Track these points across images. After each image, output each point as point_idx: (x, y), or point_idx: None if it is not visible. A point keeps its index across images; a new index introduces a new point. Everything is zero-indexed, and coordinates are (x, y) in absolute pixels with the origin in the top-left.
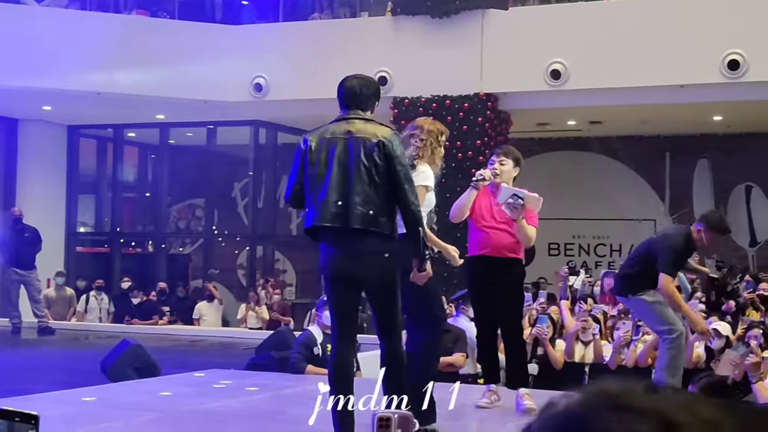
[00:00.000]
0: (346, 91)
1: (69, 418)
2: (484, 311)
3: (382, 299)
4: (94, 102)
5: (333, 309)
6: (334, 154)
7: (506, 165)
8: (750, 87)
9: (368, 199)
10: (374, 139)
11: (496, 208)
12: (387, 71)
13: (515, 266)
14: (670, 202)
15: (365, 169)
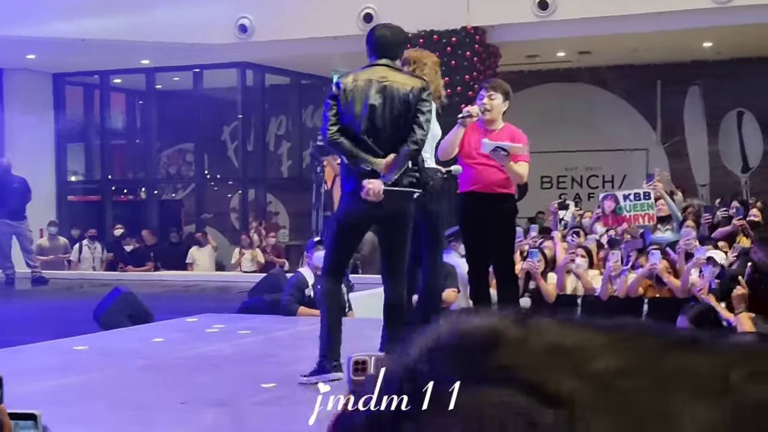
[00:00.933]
0: (376, 40)
1: (61, 367)
2: (475, 248)
3: (395, 238)
4: (79, 49)
5: (339, 248)
6: (369, 97)
7: (496, 99)
8: (739, 11)
9: (397, 142)
10: (408, 87)
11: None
12: (372, 7)
13: (506, 201)
14: (662, 130)
15: (396, 114)
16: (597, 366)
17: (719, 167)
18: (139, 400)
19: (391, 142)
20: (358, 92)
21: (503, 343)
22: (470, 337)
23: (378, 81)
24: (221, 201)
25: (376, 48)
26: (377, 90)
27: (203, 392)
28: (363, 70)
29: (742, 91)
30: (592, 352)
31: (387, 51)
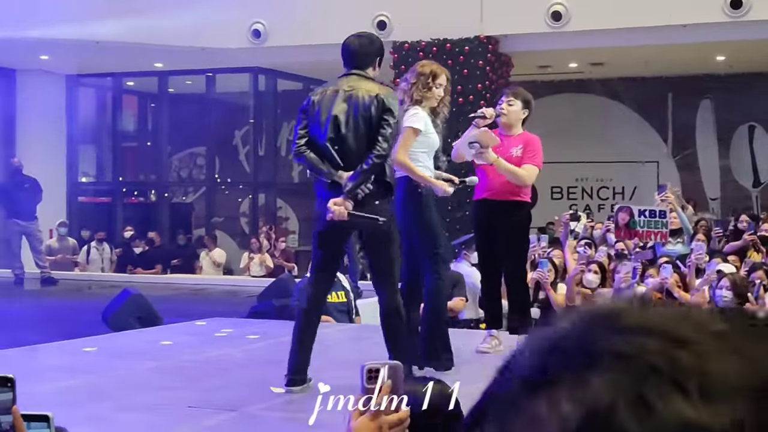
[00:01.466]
0: (344, 49)
1: (70, 368)
2: (487, 256)
3: (376, 247)
4: (93, 51)
5: (321, 253)
6: (333, 107)
7: (514, 105)
8: (753, 26)
9: (361, 150)
10: (372, 94)
11: (500, 150)
12: (386, 15)
13: (520, 209)
14: (673, 143)
15: (363, 121)
16: (714, 327)
17: (730, 181)
18: (147, 403)
19: (355, 151)
20: (325, 104)
21: (630, 312)
22: (599, 310)
23: (345, 91)
24: (231, 205)
25: (345, 58)
26: (342, 99)
27: (211, 396)
28: (334, 81)
29: (754, 105)
30: (707, 318)
31: (356, 60)
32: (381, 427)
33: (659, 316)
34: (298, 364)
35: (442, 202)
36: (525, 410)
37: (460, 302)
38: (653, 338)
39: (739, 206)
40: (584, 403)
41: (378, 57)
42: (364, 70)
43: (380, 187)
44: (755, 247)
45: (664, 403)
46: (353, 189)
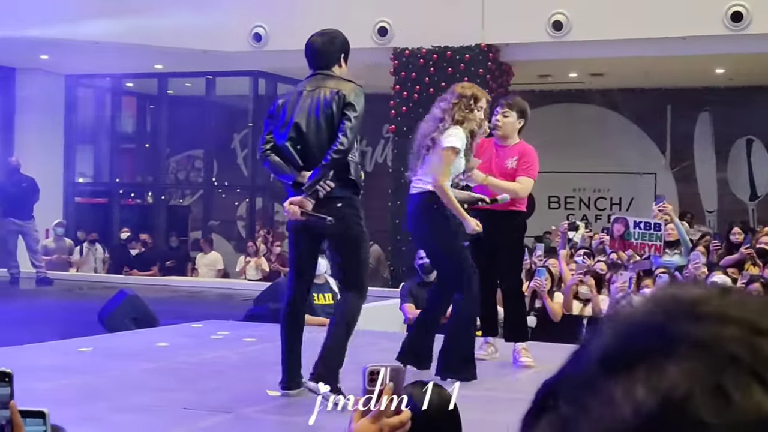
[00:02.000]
0: (307, 49)
1: (65, 368)
2: (483, 264)
3: (338, 250)
4: (92, 51)
5: (295, 254)
6: (297, 108)
7: (509, 117)
8: (753, 39)
9: (324, 148)
10: (333, 91)
11: (496, 160)
12: (387, 21)
13: (515, 219)
14: (671, 155)
15: (324, 119)
16: None
17: (727, 194)
18: (142, 404)
19: (317, 150)
20: (289, 107)
21: (709, 299)
22: (679, 297)
23: (307, 91)
24: (228, 208)
25: (308, 58)
26: (304, 100)
27: (207, 398)
28: (299, 83)
29: (753, 118)
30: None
31: (319, 60)
32: (382, 428)
33: (739, 305)
34: (290, 368)
35: None
36: (601, 392)
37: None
38: (733, 327)
39: (736, 219)
40: (659, 391)
41: (342, 53)
42: (329, 69)
43: (344, 186)
44: (752, 260)
45: (742, 393)
46: (311, 186)
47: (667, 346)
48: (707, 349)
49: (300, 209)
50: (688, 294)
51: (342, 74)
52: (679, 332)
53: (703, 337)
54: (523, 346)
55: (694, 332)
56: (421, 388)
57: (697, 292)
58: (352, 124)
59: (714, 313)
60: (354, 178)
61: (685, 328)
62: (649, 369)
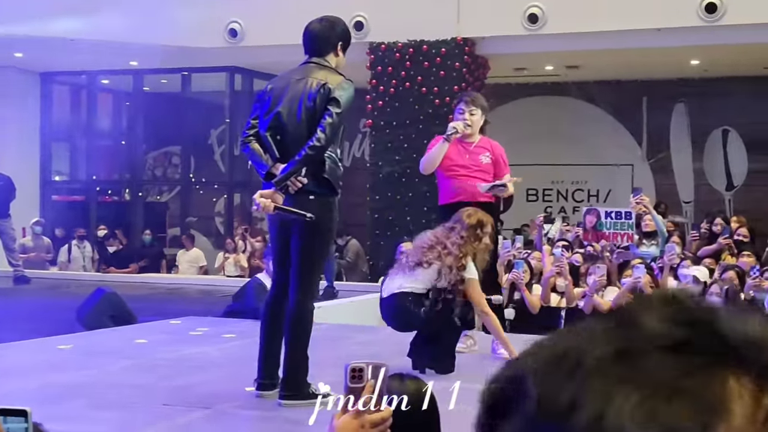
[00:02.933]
0: (305, 35)
1: (44, 366)
2: None
3: (299, 241)
4: (67, 48)
5: (273, 247)
6: (282, 97)
7: (476, 115)
8: (727, 30)
9: (303, 140)
10: (320, 83)
11: (467, 156)
12: (363, 16)
13: (490, 210)
14: (648, 146)
15: (306, 111)
16: None
17: (704, 185)
18: (122, 401)
19: (296, 142)
20: (276, 94)
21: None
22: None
23: (296, 80)
24: (206, 205)
25: (305, 44)
26: (291, 89)
27: (185, 394)
28: (291, 70)
29: (728, 109)
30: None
31: (315, 47)
32: (363, 425)
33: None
34: (267, 366)
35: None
36: None
37: None
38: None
39: (713, 209)
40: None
41: (340, 41)
42: (324, 57)
43: (317, 183)
44: (730, 250)
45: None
46: (282, 180)
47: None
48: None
49: (273, 204)
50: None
51: (339, 64)
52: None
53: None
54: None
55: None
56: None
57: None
58: (333, 120)
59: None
60: (328, 176)
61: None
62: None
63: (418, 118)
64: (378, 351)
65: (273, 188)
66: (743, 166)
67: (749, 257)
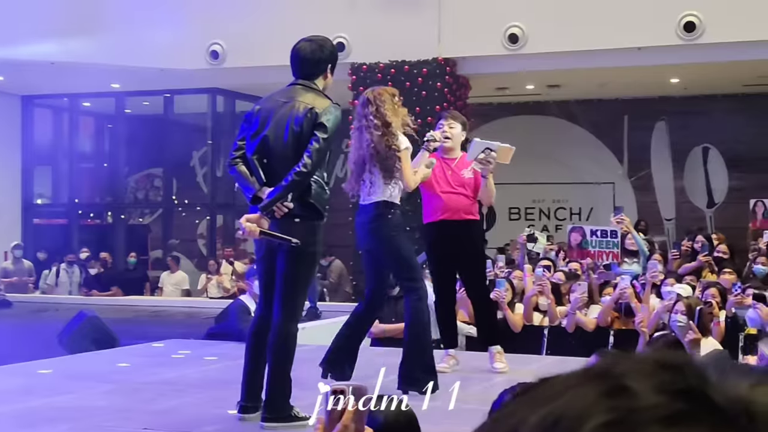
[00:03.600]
0: (293, 57)
1: (25, 390)
2: (445, 276)
3: (283, 263)
4: (48, 71)
5: (260, 273)
6: (271, 119)
7: (455, 128)
8: (706, 49)
9: (289, 166)
10: (307, 106)
11: (450, 173)
12: (344, 37)
13: (474, 227)
14: (629, 164)
15: (293, 135)
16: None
17: (685, 202)
18: (103, 425)
19: (282, 166)
20: (263, 116)
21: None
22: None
23: (283, 102)
24: (189, 226)
25: (293, 65)
26: (277, 112)
27: (167, 418)
28: (279, 91)
29: (708, 127)
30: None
31: (305, 70)
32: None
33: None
34: (250, 389)
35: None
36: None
37: None
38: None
39: (694, 227)
40: None
41: (329, 64)
42: (312, 80)
43: (302, 207)
44: (710, 267)
45: None
46: (268, 206)
47: None
48: None
49: (258, 228)
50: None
51: (326, 85)
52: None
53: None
54: (498, 349)
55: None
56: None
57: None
58: (320, 146)
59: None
60: (314, 200)
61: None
62: None
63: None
64: (362, 373)
65: (259, 212)
66: (724, 183)
67: (730, 274)
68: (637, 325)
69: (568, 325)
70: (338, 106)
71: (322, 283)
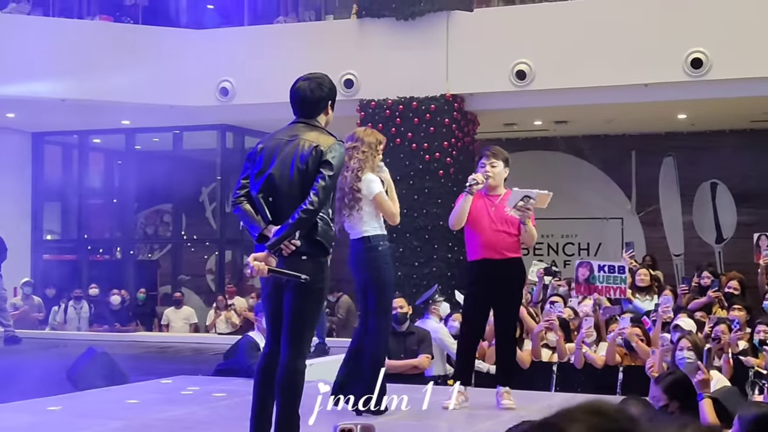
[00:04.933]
0: (292, 95)
1: (34, 428)
2: (478, 313)
3: (291, 301)
4: (59, 109)
5: (266, 312)
6: (274, 158)
7: (497, 167)
8: (713, 85)
9: (295, 204)
10: (312, 145)
11: (493, 210)
12: (353, 74)
13: (516, 265)
14: (637, 200)
15: (298, 173)
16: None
17: (694, 237)
18: None
19: (288, 204)
20: (267, 154)
21: None
22: None
23: (287, 140)
24: (198, 262)
25: (293, 104)
26: (282, 150)
27: None
28: (281, 129)
29: (716, 162)
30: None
31: (305, 109)
32: None
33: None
34: (259, 427)
35: (409, 257)
36: None
37: (426, 359)
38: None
39: (703, 262)
40: None
41: (329, 101)
42: (314, 119)
43: (309, 245)
44: (720, 303)
45: None
46: (276, 244)
47: None
48: None
49: (266, 267)
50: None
51: (328, 121)
52: None
53: None
54: (506, 389)
55: None
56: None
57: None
58: (326, 184)
59: None
60: (320, 238)
61: None
62: None
63: (409, 174)
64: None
65: (266, 251)
66: (732, 218)
67: (740, 311)
68: (648, 371)
69: (576, 361)
70: (342, 143)
71: (331, 319)
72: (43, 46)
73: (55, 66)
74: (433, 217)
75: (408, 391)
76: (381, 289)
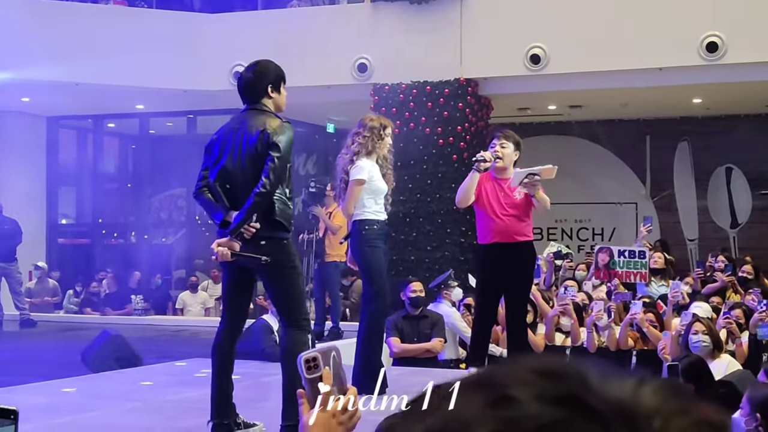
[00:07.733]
0: (237, 85)
1: (49, 409)
2: (489, 296)
3: (269, 287)
4: (73, 93)
5: (225, 294)
6: (228, 146)
7: (507, 148)
8: (729, 69)
9: (249, 188)
10: (258, 129)
11: (502, 194)
12: (367, 58)
13: (526, 248)
14: (651, 185)
15: (249, 159)
16: None
17: (708, 222)
18: None
19: (243, 190)
20: (221, 142)
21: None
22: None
23: (236, 128)
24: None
25: (239, 93)
26: (232, 138)
27: None
28: (233, 118)
29: (731, 147)
30: None
31: (248, 96)
32: (334, 414)
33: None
34: (218, 405)
35: (422, 241)
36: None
37: (439, 343)
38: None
39: (717, 247)
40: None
41: (269, 83)
42: (259, 103)
43: (269, 225)
44: (734, 287)
45: None
46: (236, 229)
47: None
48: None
49: (230, 251)
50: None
51: (277, 102)
52: None
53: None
54: None
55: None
56: None
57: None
58: (275, 165)
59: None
60: (279, 218)
61: None
62: None
63: (423, 159)
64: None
65: (228, 237)
66: (747, 203)
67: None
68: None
69: (588, 345)
70: (289, 124)
71: (344, 303)
72: (58, 30)
73: (69, 50)
74: (447, 201)
75: (420, 375)
76: (367, 273)
